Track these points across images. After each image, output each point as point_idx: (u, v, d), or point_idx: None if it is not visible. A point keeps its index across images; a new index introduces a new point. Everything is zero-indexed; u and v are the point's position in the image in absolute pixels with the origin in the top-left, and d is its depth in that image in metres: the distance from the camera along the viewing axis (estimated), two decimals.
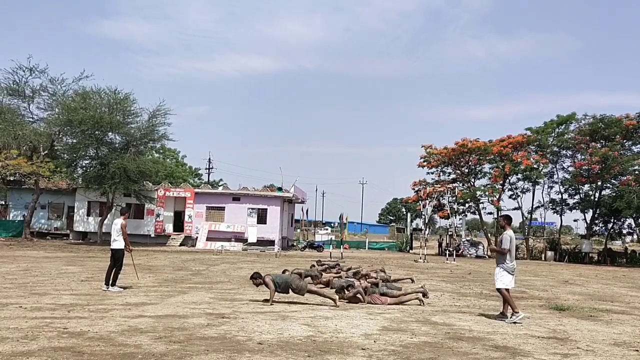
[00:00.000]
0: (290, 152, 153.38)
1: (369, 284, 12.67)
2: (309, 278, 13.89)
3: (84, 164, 37.89)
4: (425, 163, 43.99)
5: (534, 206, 43.86)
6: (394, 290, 12.15)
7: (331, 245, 34.99)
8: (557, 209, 43.39)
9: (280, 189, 42.14)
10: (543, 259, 40.55)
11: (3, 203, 40.71)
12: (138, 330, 7.57)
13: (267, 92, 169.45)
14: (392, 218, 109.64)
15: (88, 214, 39.89)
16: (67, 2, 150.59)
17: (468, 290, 15.11)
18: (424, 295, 12.15)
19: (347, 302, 11.23)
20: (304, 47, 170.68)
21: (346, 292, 11.54)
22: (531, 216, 45.40)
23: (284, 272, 14.23)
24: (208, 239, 37.44)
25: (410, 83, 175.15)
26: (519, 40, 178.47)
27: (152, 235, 38.49)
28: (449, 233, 40.36)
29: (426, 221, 37.58)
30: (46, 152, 36.27)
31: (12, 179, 37.76)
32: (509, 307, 9.57)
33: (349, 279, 13.61)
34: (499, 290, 9.76)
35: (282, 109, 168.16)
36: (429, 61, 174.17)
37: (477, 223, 65.23)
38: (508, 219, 10.47)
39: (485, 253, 40.12)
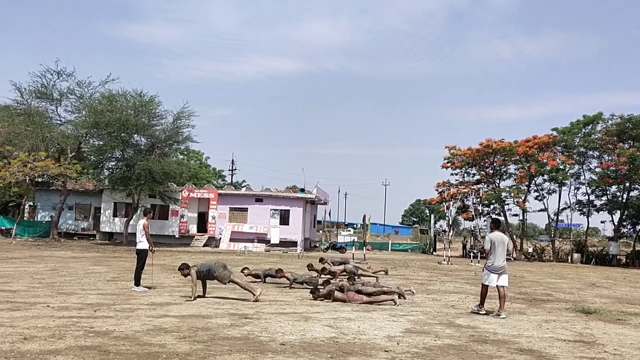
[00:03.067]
0: (313, 153, 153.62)
1: (346, 281, 12.64)
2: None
3: (110, 166, 38.54)
4: (449, 164, 43.58)
5: (560, 207, 43.17)
6: (369, 288, 11.98)
7: (354, 247, 34.92)
8: (584, 210, 42.63)
9: (302, 190, 42.25)
10: (569, 261, 39.85)
11: (31, 204, 41.51)
12: (162, 329, 7.65)
13: (290, 94, 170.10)
14: (415, 219, 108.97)
15: (114, 215, 40.48)
16: (94, 7, 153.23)
17: (493, 293, 14.91)
18: (401, 296, 12.00)
19: (321, 300, 11.29)
20: (327, 49, 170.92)
21: (320, 290, 11.61)
22: (557, 218, 44.71)
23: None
24: (231, 239, 37.68)
25: (435, 84, 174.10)
26: (545, 40, 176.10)
27: (177, 236, 38.90)
28: (473, 235, 39.92)
29: (450, 223, 37.23)
30: (73, 154, 36.91)
31: (40, 180, 38.51)
32: (501, 306, 10.20)
33: (312, 276, 14.17)
34: (482, 285, 10.55)
35: (305, 111, 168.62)
36: (454, 62, 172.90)
37: (502, 225, 64.53)
38: (495, 222, 11.29)
39: (511, 255, 39.59)
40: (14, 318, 8.14)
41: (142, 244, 12.17)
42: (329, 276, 14.99)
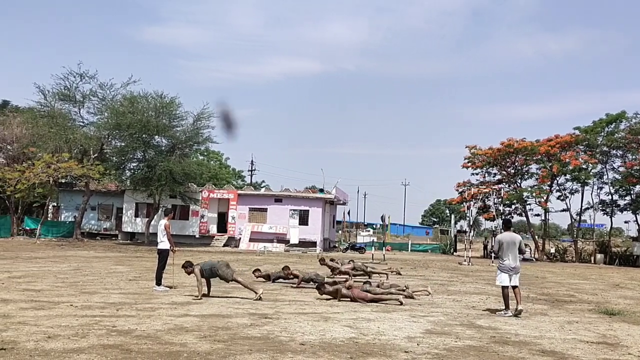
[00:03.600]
0: (332, 153, 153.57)
1: (352, 281, 12.67)
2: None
3: (131, 167, 39.00)
4: (469, 164, 43.23)
5: (583, 207, 42.55)
6: (376, 288, 12.06)
7: (373, 247, 34.83)
8: (607, 210, 41.93)
9: (322, 191, 42.27)
10: (592, 261, 39.26)
11: (55, 205, 42.17)
12: (183, 329, 7.72)
13: (309, 94, 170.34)
14: (435, 220, 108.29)
15: (136, 215, 40.93)
16: (116, 10, 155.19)
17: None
18: (409, 297, 11.98)
19: (327, 299, 11.36)
20: (346, 49, 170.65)
21: (326, 287, 11.65)
22: (580, 218, 44.06)
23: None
24: (251, 240, 37.84)
25: (454, 83, 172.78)
26: (567, 37, 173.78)
27: (197, 236, 39.19)
28: (495, 235, 39.55)
29: (471, 223, 36.94)
30: (96, 155, 37.42)
31: (63, 181, 39.09)
32: (518, 302, 10.27)
33: (318, 273, 14.19)
34: (502, 287, 10.60)
35: (325, 111, 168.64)
36: (474, 60, 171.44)
37: (523, 225, 63.68)
38: (505, 222, 11.60)
39: (532, 256, 39.16)
40: (38, 317, 8.28)
41: (164, 243, 12.30)
42: (345, 276, 14.99)
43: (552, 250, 42.28)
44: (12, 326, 7.45)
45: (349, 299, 11.28)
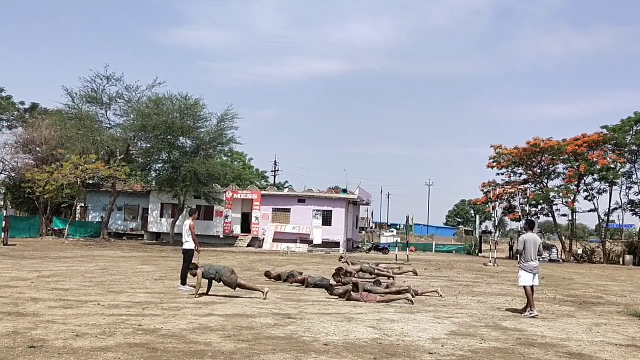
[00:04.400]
0: (355, 153, 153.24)
1: (358, 281, 12.70)
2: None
3: (157, 168, 39.53)
4: (494, 163, 42.76)
5: (611, 208, 41.72)
6: (378, 288, 12.23)
7: (397, 248, 34.69)
8: (636, 210, 41.04)
9: (345, 191, 42.23)
10: (621, 263, 38.46)
11: (83, 205, 42.90)
12: (208, 328, 7.79)
13: (333, 95, 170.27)
14: (459, 220, 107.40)
15: (161, 216, 41.43)
16: (143, 13, 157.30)
17: (540, 295, 14.57)
18: (413, 295, 11.96)
19: (337, 299, 11.43)
20: (371, 49, 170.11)
21: (335, 289, 11.74)
22: (608, 218, 43.19)
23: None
24: (274, 240, 37.99)
25: (480, 82, 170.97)
26: (596, 34, 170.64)
27: (221, 236, 39.49)
28: (520, 236, 38.97)
29: (496, 223, 36.50)
30: (122, 156, 37.97)
31: (91, 182, 39.78)
32: (527, 302, 10.47)
33: (323, 277, 14.39)
34: (524, 288, 10.70)
35: (348, 111, 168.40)
36: (501, 59, 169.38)
37: (550, 225, 62.77)
38: (529, 223, 11.71)
39: (559, 257, 38.55)
40: (67, 315, 8.44)
41: (188, 243, 12.42)
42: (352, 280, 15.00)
43: (580, 251, 41.53)
44: (41, 324, 7.61)
45: (357, 301, 11.30)
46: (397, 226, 79.59)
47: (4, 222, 30.01)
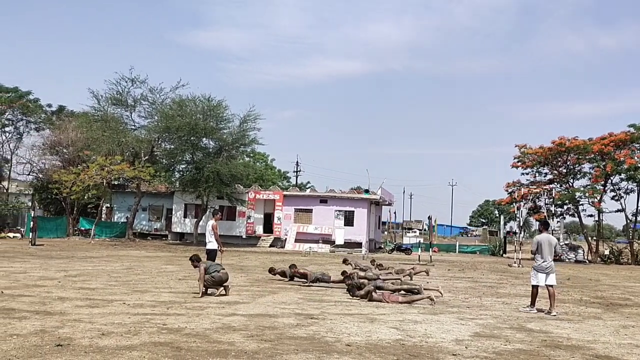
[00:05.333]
0: (378, 154, 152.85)
1: (365, 282, 12.68)
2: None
3: (180, 169, 39.94)
4: (519, 163, 42.21)
5: (638, 208, 40.86)
6: (390, 285, 12.29)
7: (419, 248, 34.47)
8: None
9: (367, 191, 42.11)
10: None
11: (109, 206, 43.54)
12: (231, 328, 7.84)
13: (355, 95, 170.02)
14: (483, 221, 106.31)
15: (185, 216, 41.83)
16: (165, 15, 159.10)
17: (566, 297, 14.35)
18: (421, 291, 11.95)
19: (360, 299, 11.42)
20: (393, 49, 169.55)
21: (357, 290, 11.73)
22: (636, 218, 42.27)
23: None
24: (296, 240, 38.06)
25: (503, 81, 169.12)
26: (622, 31, 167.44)
27: (244, 237, 39.70)
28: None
29: (521, 224, 36.03)
30: (147, 157, 38.45)
31: (116, 183, 40.37)
32: (552, 305, 10.70)
33: (324, 272, 14.61)
34: (532, 286, 11.10)
35: (370, 111, 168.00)
36: (525, 58, 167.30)
37: (576, 226, 61.77)
38: (544, 224, 12.03)
39: (586, 258, 37.89)
40: (93, 314, 8.57)
41: (212, 244, 12.52)
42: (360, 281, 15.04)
43: (607, 252, 40.75)
44: (68, 323, 7.74)
45: (379, 302, 11.26)
46: (420, 227, 79.10)
47: (32, 223, 30.64)
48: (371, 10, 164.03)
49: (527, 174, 42.84)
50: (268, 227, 40.83)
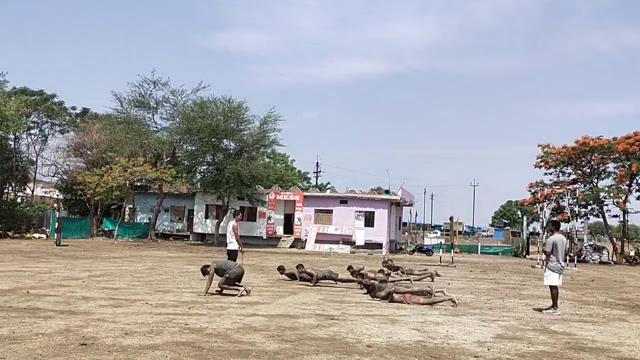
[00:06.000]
0: (398, 154, 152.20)
1: (375, 283, 12.67)
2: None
3: (201, 170, 40.30)
4: (542, 163, 41.72)
5: None
6: (401, 288, 12.29)
7: (441, 249, 34.24)
8: None
9: (387, 192, 41.97)
10: None
11: (131, 207, 44.05)
12: (252, 328, 7.88)
13: (375, 95, 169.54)
14: (506, 221, 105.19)
15: (206, 217, 42.14)
16: (187, 18, 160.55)
17: (591, 298, 14.14)
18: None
19: (380, 301, 11.41)
20: (414, 48, 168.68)
21: (378, 292, 11.74)
22: None
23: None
24: (317, 241, 38.07)
25: (526, 79, 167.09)
26: None
27: (264, 237, 39.84)
28: (570, 237, 37.93)
29: (544, 225, 35.57)
30: (168, 159, 38.83)
31: (139, 184, 40.82)
32: (552, 301, 10.91)
33: (331, 270, 14.74)
34: (550, 287, 11.01)
35: (391, 111, 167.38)
36: (548, 56, 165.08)
37: (600, 227, 60.76)
38: (555, 224, 11.85)
39: (610, 259, 37.26)
40: (116, 314, 8.69)
41: (233, 244, 12.60)
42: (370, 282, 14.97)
43: (632, 253, 40.06)
44: (92, 323, 7.85)
45: (400, 303, 11.23)
46: (441, 227, 78.60)
47: (57, 224, 31.15)
48: (392, 9, 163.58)
49: (551, 174, 42.36)
50: (288, 227, 40.92)
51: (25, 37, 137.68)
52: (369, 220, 39.02)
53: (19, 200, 42.59)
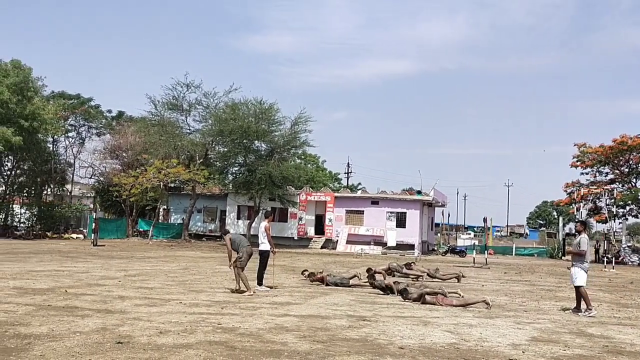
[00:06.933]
0: (430, 154, 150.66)
1: (391, 283, 12.71)
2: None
3: (233, 171, 40.70)
4: (578, 163, 40.90)
5: None
6: (414, 289, 12.17)
7: (474, 251, 33.81)
8: None
9: (419, 193, 41.65)
10: None
11: (165, 207, 44.77)
12: (284, 328, 7.91)
13: (406, 95, 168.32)
14: (541, 222, 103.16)
15: (238, 218, 42.53)
16: (219, 21, 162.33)
17: (629, 301, 13.76)
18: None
19: (412, 302, 11.33)
20: (445, 47, 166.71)
21: (410, 294, 11.71)
22: None
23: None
24: (348, 242, 38.03)
25: (561, 78, 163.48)
26: None
27: (295, 238, 39.99)
28: (607, 238, 36.97)
29: None
30: (201, 160, 39.33)
31: (172, 185, 41.48)
32: (585, 303, 10.71)
33: (344, 276, 14.55)
34: (577, 288, 10.88)
35: (422, 111, 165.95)
36: (583, 53, 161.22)
37: (639, 227, 59.12)
38: (584, 224, 11.78)
39: None
40: (151, 313, 8.83)
41: (264, 245, 12.67)
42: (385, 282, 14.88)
43: None
44: (127, 321, 8.01)
45: (432, 304, 11.15)
46: (474, 228, 77.56)
47: (94, 224, 31.89)
48: (423, 8, 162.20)
49: (587, 173, 41.53)
50: (319, 228, 40.99)
51: (63, 41, 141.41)
52: (401, 221, 38.80)
53: (57, 201, 43.74)
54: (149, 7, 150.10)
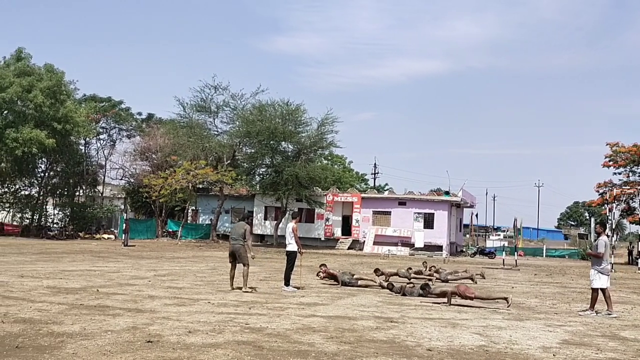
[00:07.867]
0: (459, 154, 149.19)
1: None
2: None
3: (260, 172, 40.95)
4: (611, 162, 39.98)
5: None
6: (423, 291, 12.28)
7: (504, 252, 33.35)
8: None
9: (447, 193, 41.26)
10: None
11: (194, 208, 45.26)
12: (311, 329, 7.93)
13: (434, 95, 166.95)
14: (573, 223, 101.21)
15: (265, 218, 42.77)
16: (246, 23, 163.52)
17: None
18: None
19: (441, 304, 11.20)
20: (474, 47, 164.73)
21: (432, 290, 11.92)
22: None
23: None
24: (375, 243, 37.90)
25: (592, 76, 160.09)
26: None
27: (322, 239, 40.03)
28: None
29: (613, 227, 34.05)
30: (229, 161, 39.69)
31: (200, 186, 41.92)
32: (607, 304, 10.68)
33: (352, 274, 14.61)
34: (593, 289, 10.75)
35: (450, 111, 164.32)
36: (616, 51, 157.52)
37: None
38: (603, 225, 11.55)
39: None
40: (180, 313, 8.95)
41: (292, 246, 12.71)
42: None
43: None
44: (157, 321, 8.12)
45: (455, 294, 11.31)
46: (503, 229, 76.47)
47: (125, 225, 32.44)
48: (451, 8, 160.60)
49: (620, 173, 40.54)
50: (346, 229, 40.94)
51: (95, 45, 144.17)
52: (428, 222, 38.50)
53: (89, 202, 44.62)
54: (177, 11, 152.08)
